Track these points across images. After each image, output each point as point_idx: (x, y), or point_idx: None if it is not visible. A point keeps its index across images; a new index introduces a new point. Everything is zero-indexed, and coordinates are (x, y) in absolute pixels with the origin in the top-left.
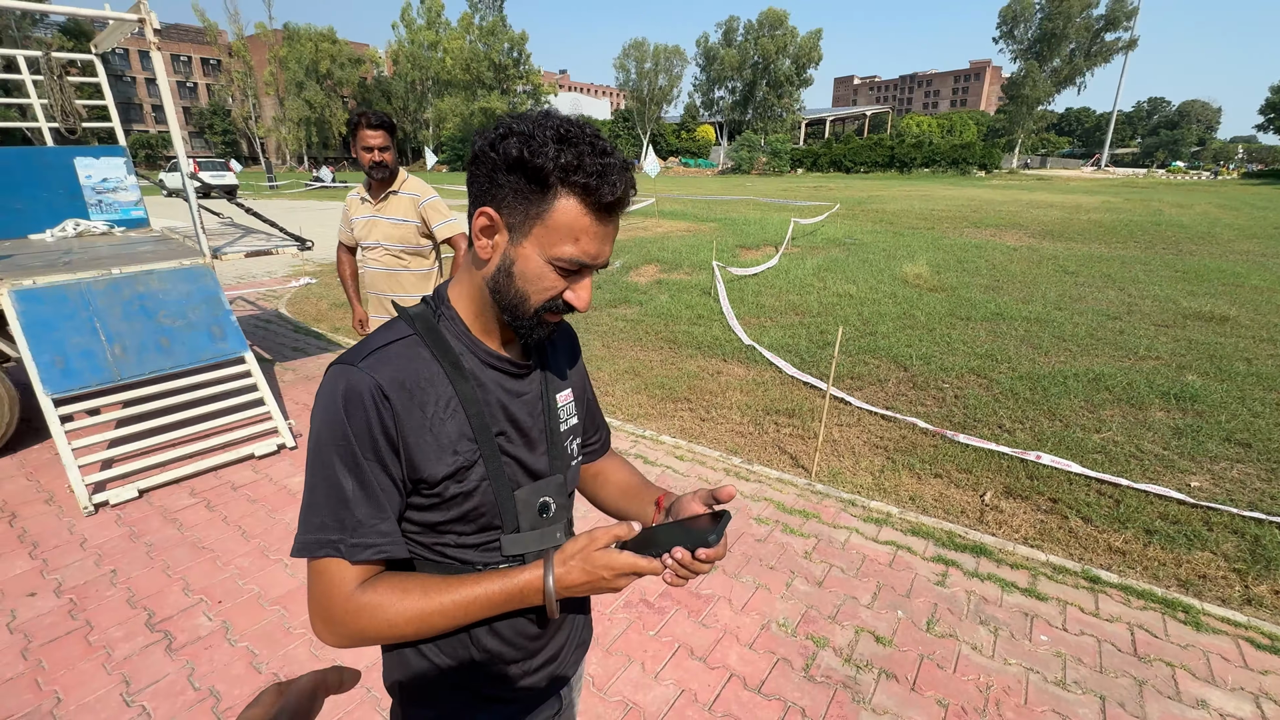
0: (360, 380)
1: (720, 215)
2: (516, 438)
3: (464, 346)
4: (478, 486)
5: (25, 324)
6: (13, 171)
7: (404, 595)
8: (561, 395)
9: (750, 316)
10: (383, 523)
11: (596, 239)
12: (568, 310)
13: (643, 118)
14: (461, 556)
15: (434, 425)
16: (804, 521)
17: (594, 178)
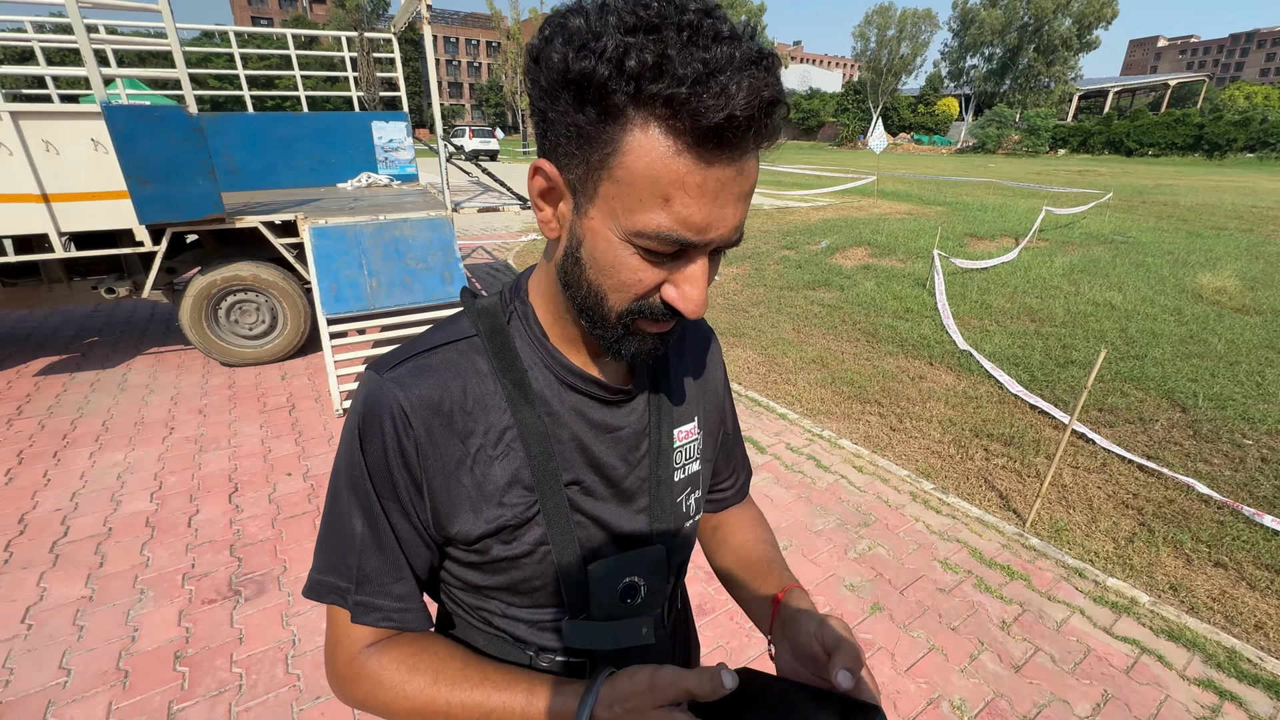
0: (383, 397)
1: (950, 199)
2: (601, 489)
3: (537, 358)
4: (532, 552)
5: (316, 256)
6: (332, 132)
7: (411, 676)
8: (681, 432)
9: (970, 317)
10: (396, 583)
11: (704, 197)
12: (671, 315)
13: (876, 90)
14: (511, 631)
15: (477, 464)
16: (1007, 581)
17: (689, 87)
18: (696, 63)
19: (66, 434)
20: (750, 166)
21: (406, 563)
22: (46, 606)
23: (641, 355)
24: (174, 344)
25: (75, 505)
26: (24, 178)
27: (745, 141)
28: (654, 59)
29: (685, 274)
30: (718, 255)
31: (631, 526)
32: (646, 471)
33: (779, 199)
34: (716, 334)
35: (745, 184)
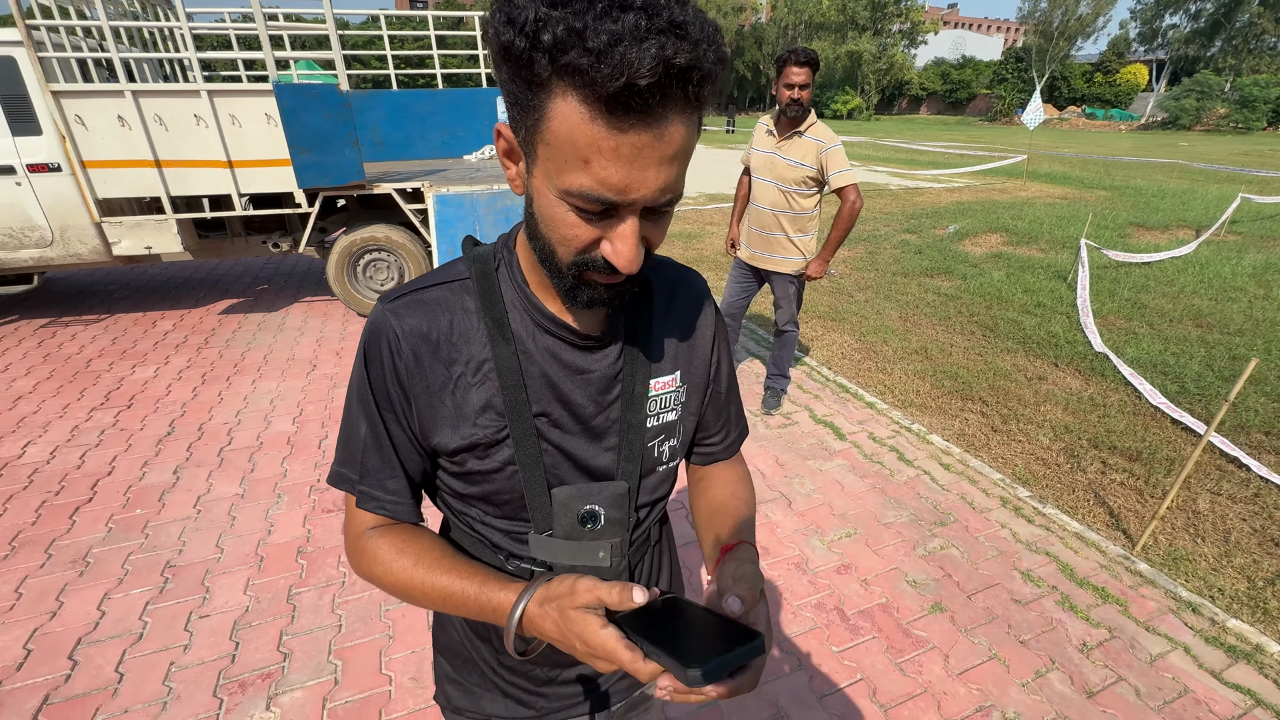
0: (383, 323)
1: (1119, 182)
2: (569, 423)
3: (518, 303)
4: (501, 470)
5: (437, 220)
6: (461, 107)
7: (398, 556)
8: (658, 382)
9: (1117, 317)
10: (391, 479)
11: (618, 160)
12: (613, 269)
13: (1043, 57)
14: (489, 537)
15: (458, 388)
16: (1098, 603)
17: (593, 56)
18: (603, 34)
19: (237, 363)
20: (671, 132)
21: (400, 464)
22: (211, 498)
23: (597, 303)
24: (321, 295)
25: (239, 421)
26: (216, 146)
27: (654, 108)
28: (564, 31)
29: (617, 232)
30: (657, 215)
31: (598, 462)
32: (617, 414)
33: (908, 178)
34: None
35: (666, 149)
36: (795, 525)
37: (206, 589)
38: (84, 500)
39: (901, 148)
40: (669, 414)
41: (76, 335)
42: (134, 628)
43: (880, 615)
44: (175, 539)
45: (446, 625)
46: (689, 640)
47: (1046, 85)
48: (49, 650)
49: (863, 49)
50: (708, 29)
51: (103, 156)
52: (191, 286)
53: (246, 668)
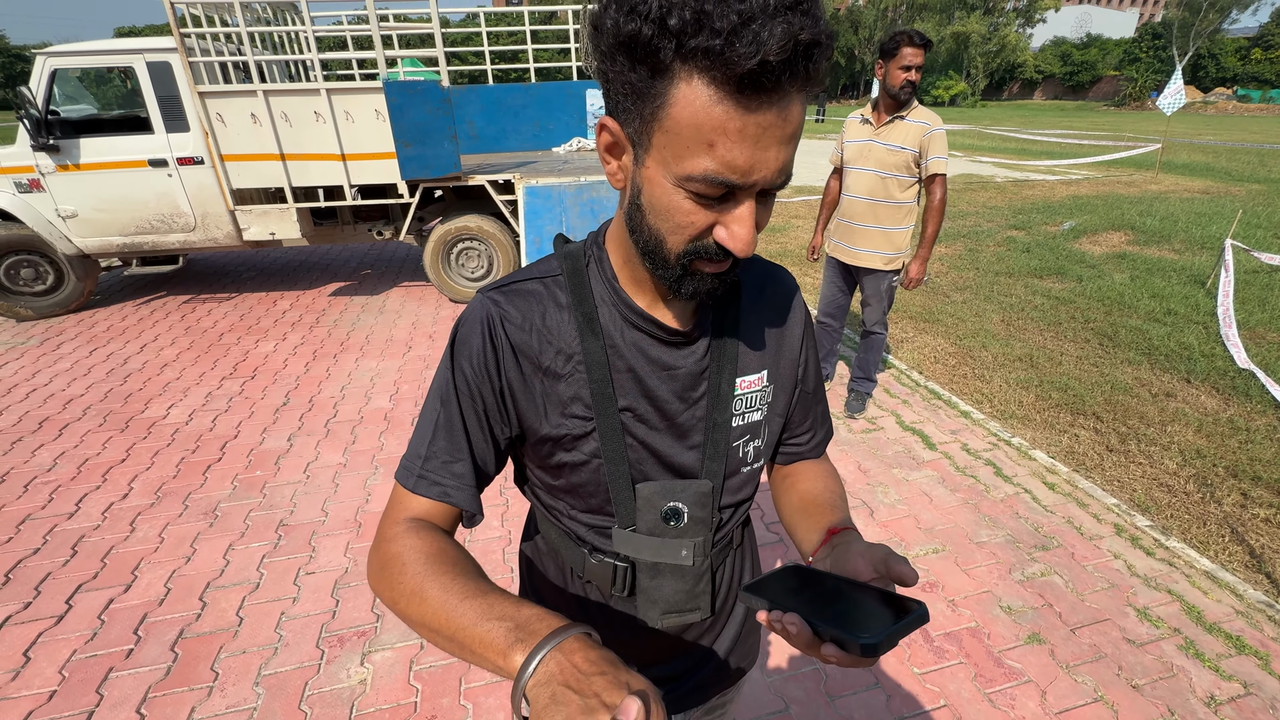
0: (483, 310)
1: (1277, 175)
2: (654, 419)
3: (607, 298)
4: (588, 462)
5: (526, 211)
6: (552, 100)
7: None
8: (744, 381)
9: (1268, 330)
10: (457, 463)
11: (744, 141)
12: (724, 255)
13: (1187, 32)
14: (575, 530)
15: (547, 378)
16: (1231, 654)
17: (724, 38)
18: (732, 14)
19: (343, 341)
20: (792, 111)
21: (469, 449)
22: (320, 465)
23: (701, 294)
24: (418, 280)
25: (343, 395)
26: (331, 140)
27: (782, 86)
28: (692, 15)
29: (734, 215)
30: (767, 198)
31: (682, 459)
32: (703, 412)
33: (1017, 170)
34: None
35: (787, 128)
36: (877, 536)
37: (313, 548)
38: (215, 460)
39: (1011, 136)
40: (754, 414)
41: (212, 311)
42: (252, 578)
43: (969, 640)
44: (288, 500)
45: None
46: (852, 612)
47: (1189, 64)
48: (184, 590)
49: (971, 30)
50: (820, 6)
51: (238, 150)
52: (306, 270)
53: (345, 624)
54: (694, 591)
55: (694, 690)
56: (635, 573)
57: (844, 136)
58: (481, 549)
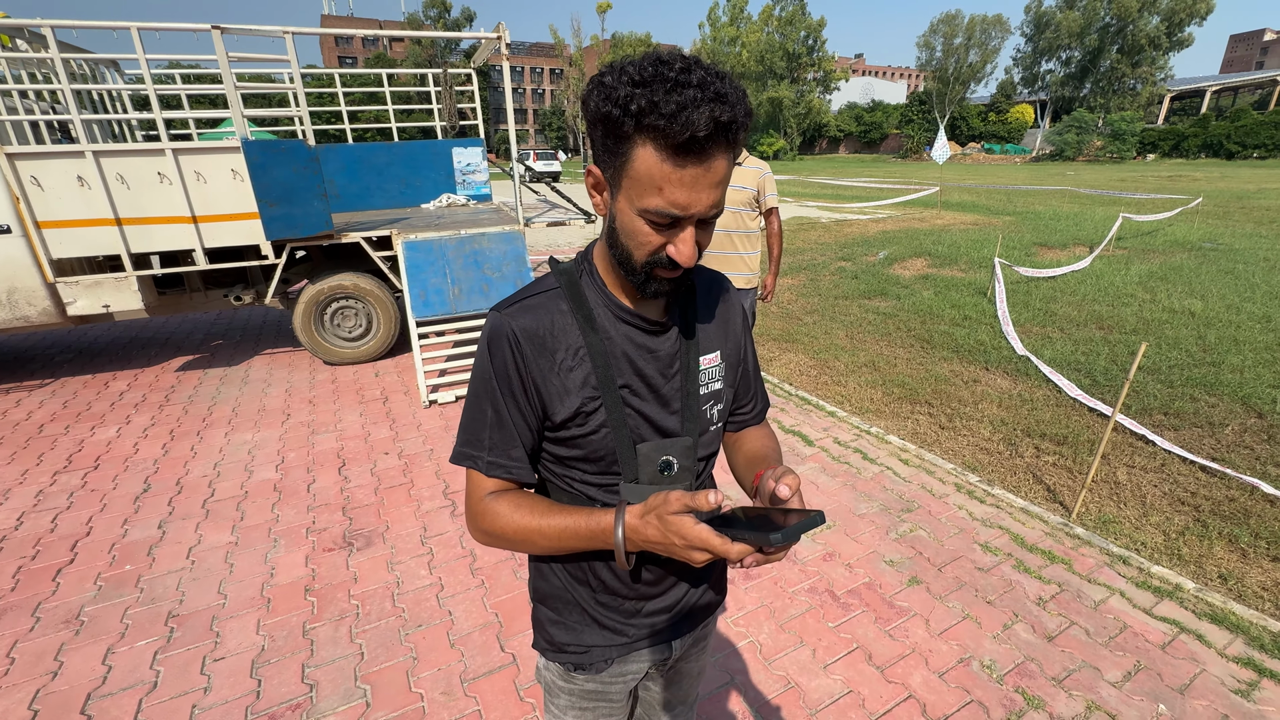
0: (501, 325)
1: (1021, 208)
2: (645, 392)
3: (600, 301)
4: (597, 431)
5: (408, 266)
6: (417, 158)
7: (516, 509)
8: (705, 359)
9: (1033, 324)
10: (513, 449)
11: (682, 186)
12: (673, 265)
13: (943, 99)
14: (586, 492)
15: (562, 371)
16: (1046, 564)
17: (665, 119)
18: (672, 104)
19: (205, 417)
20: (717, 164)
21: (518, 436)
22: (203, 548)
23: (661, 294)
24: (284, 346)
25: (218, 473)
26: (179, 202)
27: (707, 150)
28: (646, 103)
29: (679, 237)
30: (706, 225)
31: (668, 423)
32: (679, 384)
33: (837, 212)
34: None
35: (714, 177)
36: None
37: (217, 633)
38: (65, 562)
39: (827, 184)
40: (715, 384)
41: (21, 402)
42: (146, 677)
43: (866, 592)
44: (173, 590)
45: (547, 575)
46: (765, 524)
47: (948, 124)
48: (58, 708)
49: (782, 95)
50: (739, 93)
51: (59, 216)
52: (141, 346)
53: (274, 701)
54: None
55: (686, 617)
56: None
57: None
58: (412, 598)
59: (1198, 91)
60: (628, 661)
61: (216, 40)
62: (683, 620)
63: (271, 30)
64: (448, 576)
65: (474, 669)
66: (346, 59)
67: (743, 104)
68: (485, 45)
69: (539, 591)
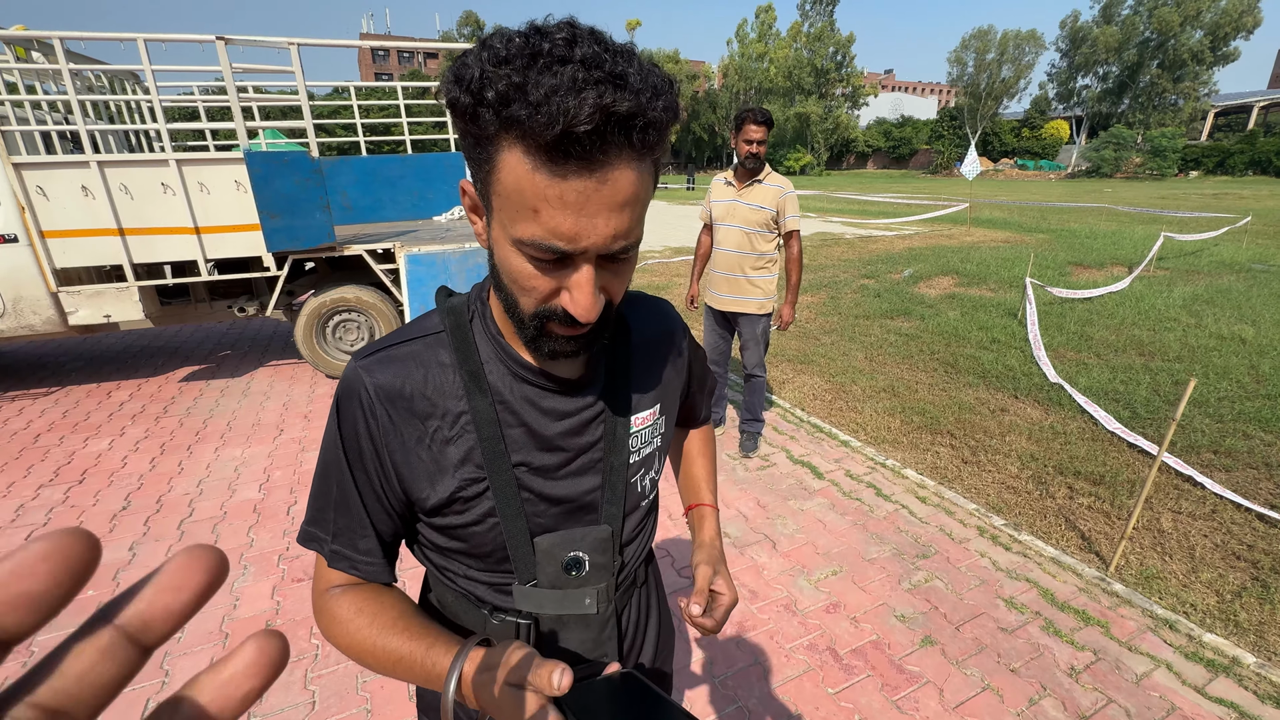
0: (355, 381)
1: (1055, 226)
2: (552, 469)
3: (493, 353)
4: (481, 522)
5: (409, 280)
6: (431, 171)
7: (356, 616)
8: (639, 418)
9: (1067, 350)
10: (361, 539)
11: (564, 208)
12: (571, 321)
13: (974, 115)
14: (472, 590)
15: (434, 443)
16: (1080, 627)
17: (531, 107)
18: (543, 86)
19: (199, 431)
20: (618, 177)
21: (370, 523)
22: None
23: (560, 355)
24: (288, 358)
25: (200, 491)
26: (183, 213)
27: (597, 155)
28: (507, 86)
29: (573, 280)
30: (616, 263)
31: (581, 502)
32: (599, 454)
33: (862, 228)
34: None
35: (614, 196)
36: (781, 566)
37: (165, 671)
38: None
39: (853, 199)
40: (648, 447)
41: (24, 410)
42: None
43: (872, 652)
44: None
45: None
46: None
47: (980, 140)
48: None
49: (810, 111)
50: (653, 79)
51: (63, 226)
52: (150, 355)
53: None
54: (600, 639)
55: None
56: (539, 628)
57: (710, 196)
58: None
59: (1244, 107)
60: None
61: (220, 51)
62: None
63: (276, 41)
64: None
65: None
66: (383, 75)
67: (660, 94)
68: None
69: (422, 700)
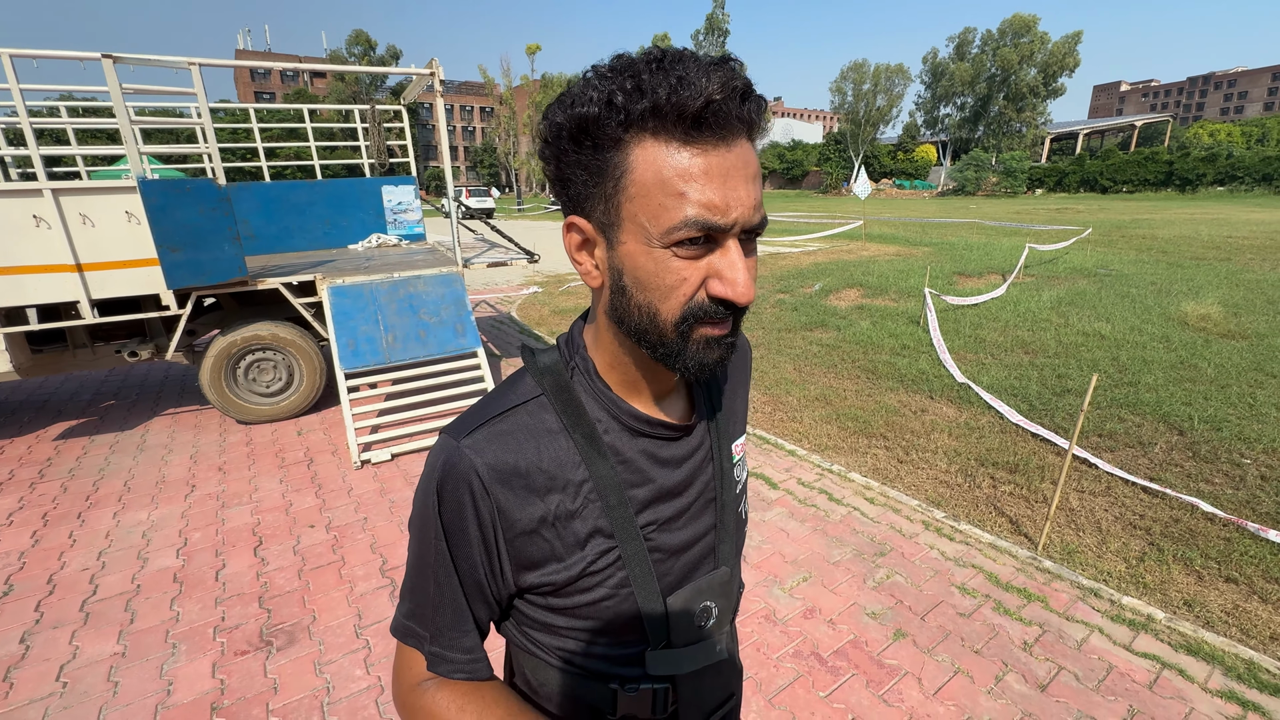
0: (460, 463)
1: (936, 240)
2: (674, 518)
3: (603, 410)
4: (615, 595)
5: (334, 313)
6: (343, 197)
7: (459, 715)
8: (736, 446)
9: (966, 351)
10: (464, 637)
11: (712, 179)
12: (726, 310)
13: (856, 140)
14: (592, 668)
15: (559, 520)
16: (1024, 604)
17: (664, 90)
18: (671, 78)
19: (89, 495)
20: (747, 150)
21: (473, 618)
22: (80, 664)
23: (710, 364)
24: (189, 404)
25: (102, 564)
26: (60, 249)
27: (730, 124)
28: (633, 86)
29: (725, 262)
30: (750, 243)
31: (700, 544)
32: (713, 494)
33: (771, 245)
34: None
35: (747, 167)
36: (755, 578)
37: None
38: None
39: None
40: (744, 473)
41: None
42: None
43: (853, 652)
44: None
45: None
46: None
47: (862, 162)
48: None
49: None
50: (742, 66)
51: None
52: (9, 411)
53: None
54: (728, 679)
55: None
56: (676, 689)
57: None
58: (347, 706)
59: (1072, 134)
60: None
61: (108, 70)
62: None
63: (176, 61)
64: (389, 676)
65: None
66: (264, 94)
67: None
68: (417, 82)
69: None
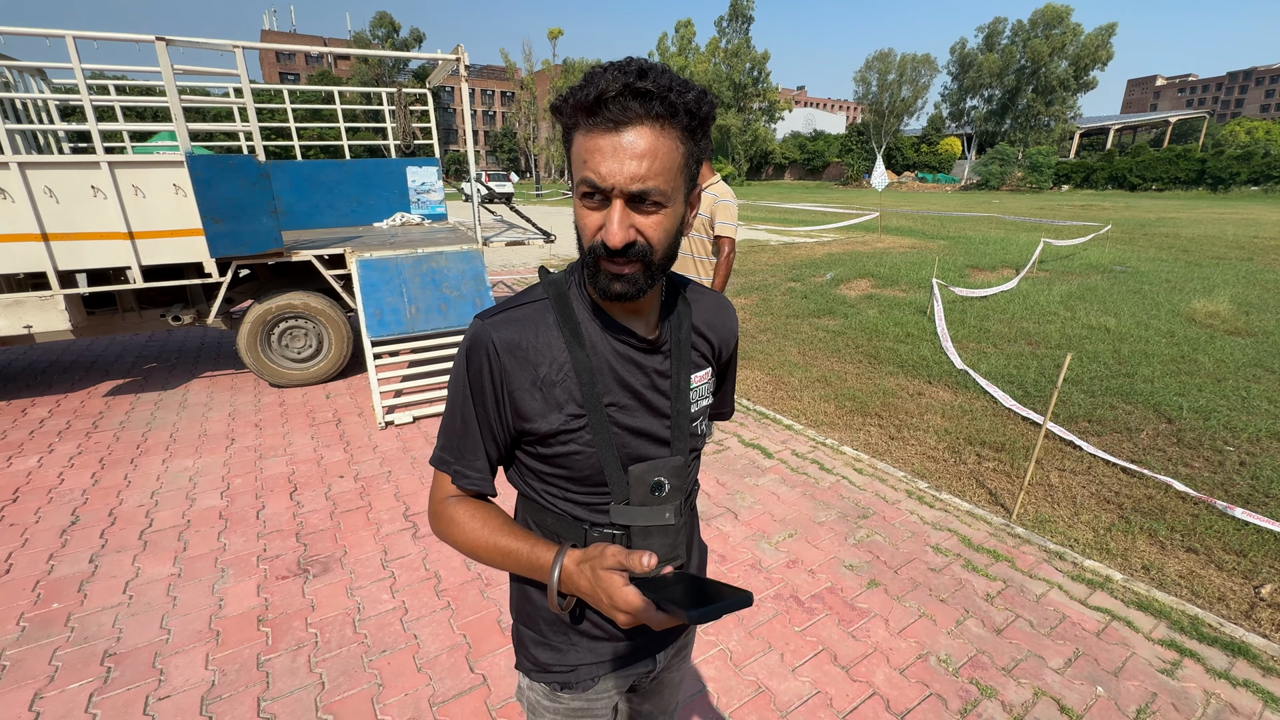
0: (482, 335)
1: (953, 233)
2: (635, 409)
3: (588, 314)
4: (583, 451)
5: (362, 285)
6: (370, 176)
7: (470, 519)
8: (698, 376)
9: (969, 341)
10: (479, 460)
11: (601, 155)
12: (607, 251)
13: (879, 131)
14: (570, 511)
15: (544, 385)
16: (992, 562)
17: (579, 92)
18: (589, 83)
19: (139, 444)
20: (637, 134)
21: (484, 449)
22: (142, 582)
23: (611, 293)
24: (226, 368)
25: (155, 502)
26: (115, 217)
27: (621, 117)
28: (572, 90)
29: (607, 217)
30: (645, 207)
31: (659, 435)
32: (670, 402)
33: (785, 235)
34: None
35: (633, 148)
36: (744, 533)
37: (160, 670)
38: None
39: (774, 208)
40: (704, 400)
41: None
42: None
43: (829, 596)
44: (109, 627)
45: (532, 596)
46: (694, 595)
47: (884, 154)
48: None
49: (730, 123)
50: (674, 78)
51: None
52: (62, 370)
53: None
54: (675, 544)
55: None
56: (630, 538)
57: None
58: (375, 623)
59: (1103, 129)
60: (613, 677)
61: (161, 53)
62: (666, 632)
63: (221, 44)
64: (412, 600)
65: (443, 692)
66: (289, 75)
67: (687, 89)
68: (442, 66)
69: (522, 612)
